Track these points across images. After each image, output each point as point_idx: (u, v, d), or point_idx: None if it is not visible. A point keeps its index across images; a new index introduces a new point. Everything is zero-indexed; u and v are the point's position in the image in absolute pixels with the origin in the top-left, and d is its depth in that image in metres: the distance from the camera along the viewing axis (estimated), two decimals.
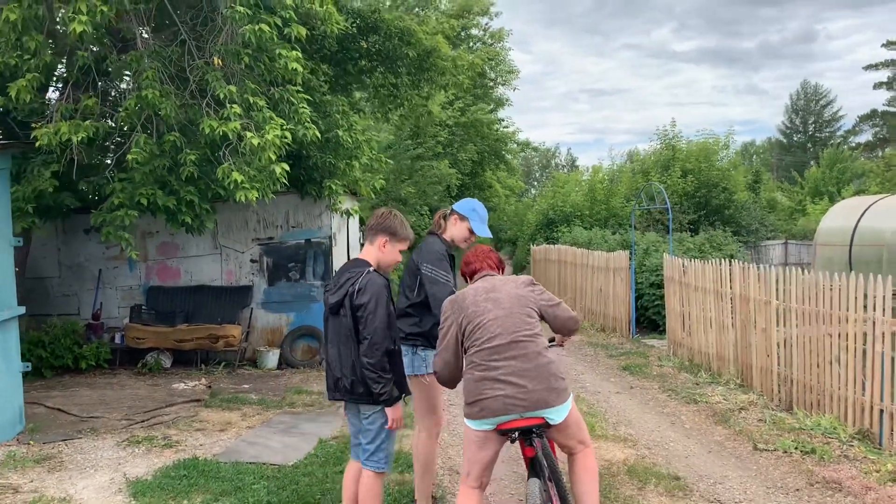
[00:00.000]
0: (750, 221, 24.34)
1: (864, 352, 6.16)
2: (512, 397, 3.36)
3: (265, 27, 6.37)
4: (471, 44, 24.95)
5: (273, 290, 10.63)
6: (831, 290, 6.53)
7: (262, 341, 10.65)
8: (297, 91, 7.17)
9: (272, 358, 10.31)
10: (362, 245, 4.18)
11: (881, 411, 5.92)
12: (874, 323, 6.00)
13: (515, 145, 27.01)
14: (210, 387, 9.08)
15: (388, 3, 9.77)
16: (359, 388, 3.75)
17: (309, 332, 10.44)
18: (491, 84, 25.23)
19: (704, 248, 13.50)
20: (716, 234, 15.16)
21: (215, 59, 6.59)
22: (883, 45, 57.02)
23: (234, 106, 6.49)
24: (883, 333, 5.91)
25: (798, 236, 28.66)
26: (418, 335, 4.36)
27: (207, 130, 6.48)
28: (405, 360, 4.34)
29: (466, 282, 3.96)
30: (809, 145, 67.21)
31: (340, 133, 8.13)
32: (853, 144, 58.75)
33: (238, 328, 10.21)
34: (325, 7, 6.98)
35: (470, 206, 4.57)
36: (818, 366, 6.78)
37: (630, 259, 12.04)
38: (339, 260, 10.74)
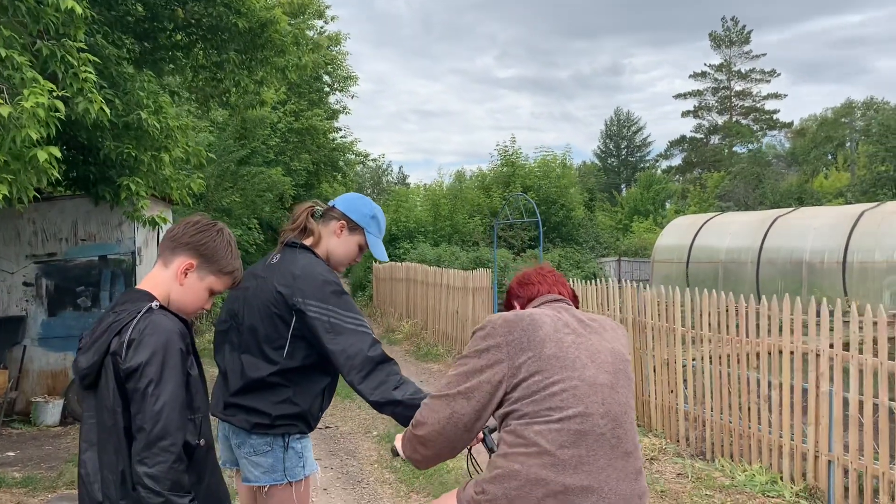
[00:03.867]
0: (587, 238, 24.41)
1: (804, 390, 5.17)
2: None
3: None
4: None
5: (55, 321, 8.21)
6: (762, 314, 5.52)
7: (38, 389, 8.18)
8: (79, 49, 5.12)
9: (53, 411, 7.91)
10: None
11: (829, 463, 4.93)
12: (818, 355, 5.02)
13: (354, 156, 25.37)
14: None
15: None
16: None
17: None
18: (328, 89, 23.41)
19: (564, 266, 12.61)
20: (571, 251, 14.41)
21: None
22: (690, 76, 61.98)
23: None
24: (831, 368, 4.93)
25: (629, 254, 29.35)
26: (293, 417, 2.63)
27: None
28: (266, 459, 2.60)
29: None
30: (622, 168, 71.32)
31: (144, 115, 6.10)
32: (664, 168, 63.00)
33: (4, 373, 7.74)
34: None
35: (368, 209, 2.86)
36: (739, 407, 5.75)
37: (494, 278, 10.81)
38: None
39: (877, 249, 15.51)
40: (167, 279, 2.09)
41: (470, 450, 2.43)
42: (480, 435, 2.45)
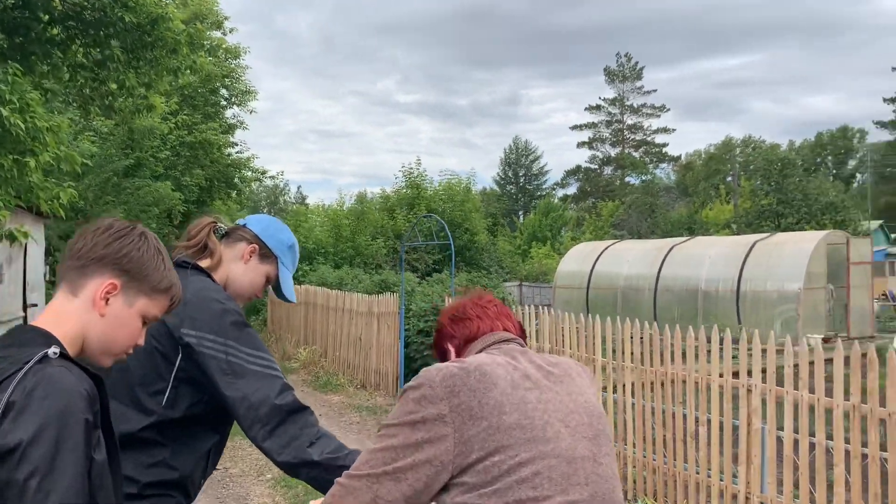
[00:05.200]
0: (490, 263, 24.34)
1: (735, 426, 4.93)
2: None
3: None
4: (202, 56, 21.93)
5: None
6: (689, 345, 5.26)
7: None
8: None
9: None
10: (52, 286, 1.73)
11: None
12: (750, 391, 4.79)
13: (250, 173, 24.27)
14: None
15: None
16: None
17: None
18: (224, 103, 22.30)
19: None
20: (479, 276, 14.11)
21: None
22: (586, 109, 64.13)
23: None
24: (764, 401, 4.70)
25: (529, 279, 29.54)
26: (169, 486, 2.04)
27: None
28: None
29: (446, 359, 1.84)
30: (520, 196, 72.86)
31: (6, 113, 5.25)
32: (561, 196, 64.69)
33: None
34: None
35: (286, 237, 2.38)
36: (664, 443, 5.47)
37: (401, 303, 10.29)
38: (6, 309, 7.49)
39: (768, 279, 16.07)
40: (78, 311, 1.46)
41: None
42: None
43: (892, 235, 39.59)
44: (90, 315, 1.45)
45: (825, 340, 11.05)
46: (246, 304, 2.51)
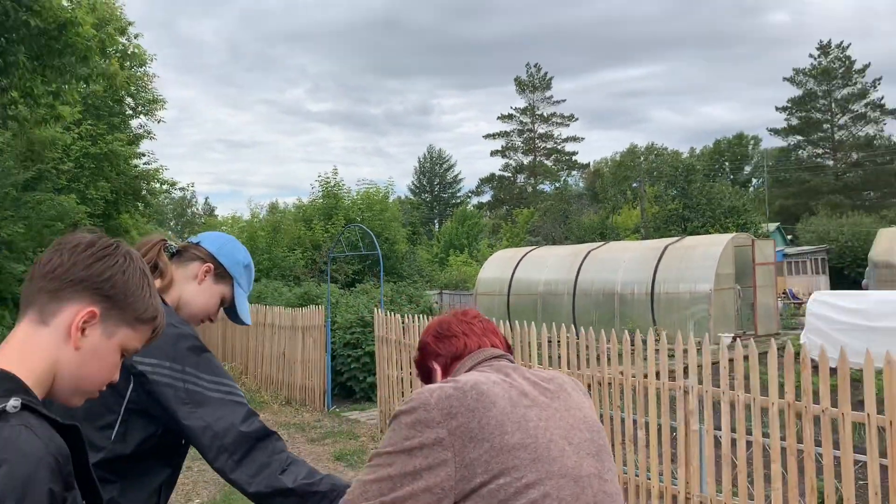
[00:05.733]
0: (410, 272, 24.32)
1: (673, 428, 5.04)
2: None
3: None
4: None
5: None
6: (626, 351, 5.35)
7: None
8: None
9: None
10: None
11: None
12: (687, 393, 4.91)
13: (159, 185, 23.33)
14: None
15: None
16: None
17: None
18: (130, 112, 21.38)
19: (398, 300, 12.15)
20: (404, 285, 14.03)
21: None
22: (498, 118, 65.07)
23: None
24: (701, 402, 4.82)
25: (449, 286, 29.65)
26: None
27: None
28: None
29: (431, 379, 1.77)
30: (435, 204, 73.33)
31: None
32: (476, 203, 65.45)
33: None
34: None
35: (242, 256, 2.27)
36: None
37: (326, 316, 10.09)
38: None
39: (680, 281, 16.66)
40: (49, 343, 1.22)
41: None
42: None
43: (789, 237, 41.96)
44: (63, 348, 1.22)
45: (734, 338, 11.53)
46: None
